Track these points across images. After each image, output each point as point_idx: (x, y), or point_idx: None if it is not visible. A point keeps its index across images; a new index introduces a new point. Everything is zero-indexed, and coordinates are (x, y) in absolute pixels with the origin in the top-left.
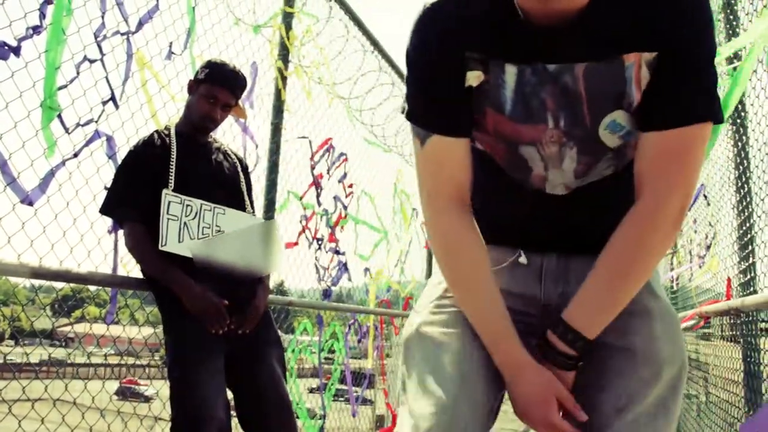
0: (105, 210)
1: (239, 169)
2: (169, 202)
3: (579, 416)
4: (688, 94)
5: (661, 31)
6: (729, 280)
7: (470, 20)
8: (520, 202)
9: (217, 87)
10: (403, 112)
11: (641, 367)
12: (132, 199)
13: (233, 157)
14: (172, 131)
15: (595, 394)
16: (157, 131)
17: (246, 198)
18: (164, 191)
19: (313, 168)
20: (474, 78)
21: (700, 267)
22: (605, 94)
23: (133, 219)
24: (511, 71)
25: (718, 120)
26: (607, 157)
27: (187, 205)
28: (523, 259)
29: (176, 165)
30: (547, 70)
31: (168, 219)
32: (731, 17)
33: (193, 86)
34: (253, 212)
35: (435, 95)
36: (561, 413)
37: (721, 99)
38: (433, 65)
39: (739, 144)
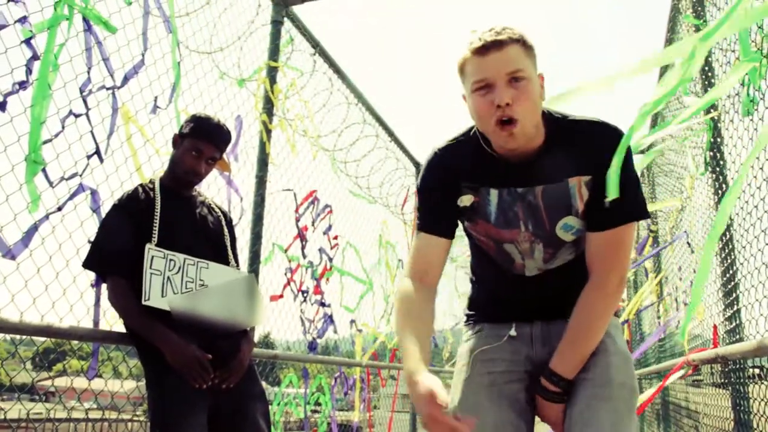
0: (88, 264)
1: (223, 222)
2: (153, 257)
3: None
4: (615, 205)
5: (592, 162)
6: (715, 327)
7: (463, 161)
8: (509, 282)
9: (202, 141)
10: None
11: (598, 387)
12: (115, 253)
13: (217, 210)
14: (157, 185)
15: (568, 409)
16: (141, 185)
17: (230, 252)
18: (147, 246)
19: (297, 220)
20: (467, 200)
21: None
22: (557, 206)
23: (117, 273)
24: (494, 193)
25: (642, 218)
26: (566, 247)
27: (171, 260)
28: (513, 332)
29: (160, 219)
30: (517, 192)
31: (151, 273)
32: (706, 68)
33: (178, 140)
34: (237, 266)
35: (433, 209)
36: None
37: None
38: (435, 191)
39: (720, 192)
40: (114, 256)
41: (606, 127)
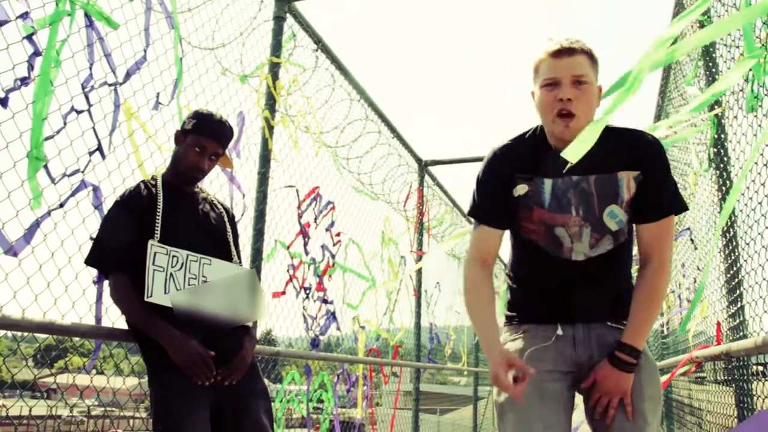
0: (90, 261)
1: (225, 219)
2: (155, 253)
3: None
4: (663, 199)
5: (640, 161)
6: (719, 324)
7: (519, 156)
8: (555, 275)
9: (205, 137)
10: (468, 213)
11: (635, 399)
12: (117, 249)
13: (220, 207)
14: (159, 181)
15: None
16: (144, 181)
17: (232, 248)
18: (150, 242)
19: (300, 217)
20: (521, 189)
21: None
22: (607, 194)
23: (119, 270)
24: (547, 182)
25: (683, 210)
26: (609, 235)
27: (173, 256)
28: (560, 332)
29: (163, 215)
30: (572, 180)
31: (154, 270)
32: (710, 64)
33: (180, 137)
34: (240, 262)
35: (490, 203)
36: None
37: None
38: (492, 185)
39: (723, 189)
40: (116, 253)
41: (647, 134)
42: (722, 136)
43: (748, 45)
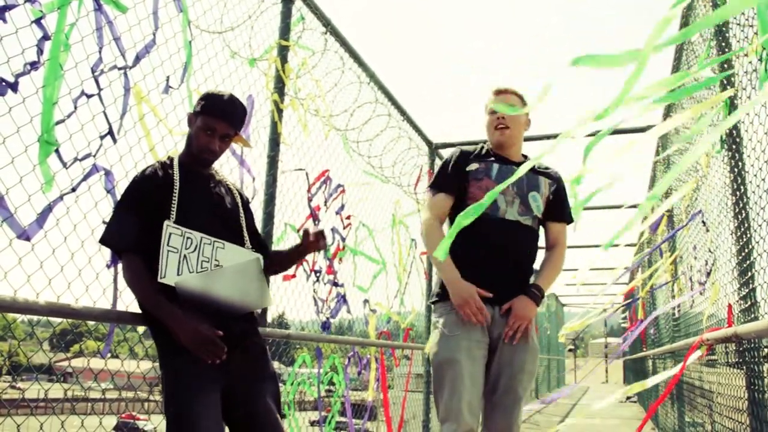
0: (104, 239)
1: (240, 203)
2: (170, 234)
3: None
4: (565, 210)
5: (555, 179)
6: (730, 306)
7: (475, 151)
8: (486, 241)
9: (214, 118)
10: (430, 185)
11: (517, 371)
12: (131, 230)
13: (234, 190)
14: (175, 162)
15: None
16: (160, 162)
17: (245, 232)
18: (166, 223)
19: (310, 200)
20: (474, 166)
21: (701, 293)
22: (532, 183)
23: (132, 249)
24: (496, 165)
25: (570, 222)
26: (531, 215)
27: (188, 238)
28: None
29: (179, 196)
30: (511, 167)
31: (168, 251)
32: (723, 44)
33: (192, 119)
34: (257, 243)
35: (448, 176)
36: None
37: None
38: (453, 167)
39: (735, 170)
40: (129, 233)
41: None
42: None
43: (762, 24)
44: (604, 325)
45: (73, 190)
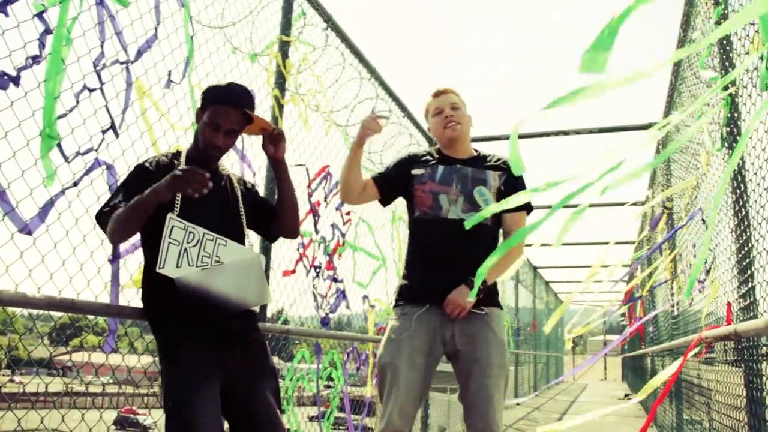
0: (98, 213)
1: (240, 195)
2: (173, 227)
3: None
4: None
5: (501, 168)
6: (729, 304)
7: (423, 155)
8: (435, 244)
9: (215, 105)
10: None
11: (486, 368)
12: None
13: (237, 183)
14: (183, 156)
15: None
16: (167, 154)
17: (246, 230)
18: (169, 215)
19: (310, 196)
20: (418, 171)
21: (700, 291)
22: (478, 178)
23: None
24: (440, 167)
25: (529, 210)
26: (476, 206)
27: (190, 232)
28: (433, 314)
29: None
30: (455, 167)
31: (169, 243)
32: (724, 42)
33: (199, 114)
34: (261, 214)
35: (391, 171)
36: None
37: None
38: (400, 165)
39: (735, 168)
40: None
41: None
42: (735, 115)
43: (763, 22)
44: (603, 323)
45: (75, 184)
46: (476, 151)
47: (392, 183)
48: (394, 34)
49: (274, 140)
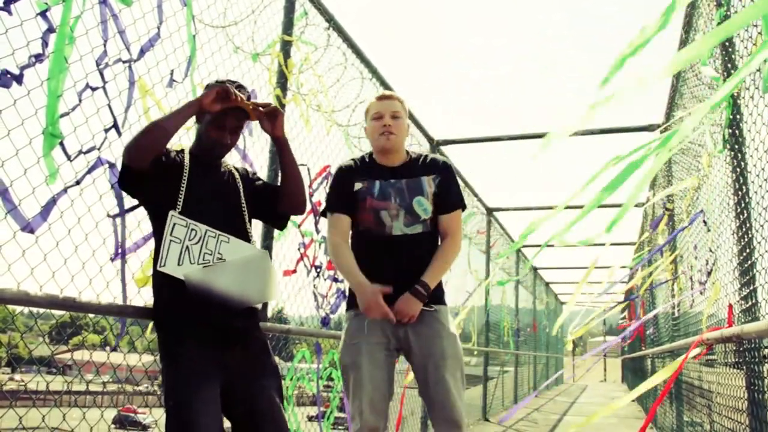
0: (121, 182)
1: (241, 188)
2: (174, 224)
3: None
4: (453, 197)
5: (436, 170)
6: (731, 306)
7: (358, 167)
8: (381, 254)
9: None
10: (324, 209)
11: (440, 360)
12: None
13: (238, 175)
14: (186, 153)
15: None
16: (172, 151)
17: (248, 226)
18: (171, 213)
19: (311, 195)
20: (359, 186)
21: (701, 293)
22: (414, 189)
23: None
24: (377, 183)
25: (463, 207)
26: (419, 223)
27: (192, 230)
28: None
29: (186, 187)
30: (390, 182)
31: (170, 241)
32: (727, 44)
33: (199, 114)
34: (263, 197)
35: (341, 197)
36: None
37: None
38: (341, 186)
39: (738, 170)
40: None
41: (439, 156)
42: (738, 116)
43: (766, 25)
44: (603, 323)
45: (78, 183)
46: (408, 153)
47: (351, 203)
48: (395, 34)
49: (270, 117)
